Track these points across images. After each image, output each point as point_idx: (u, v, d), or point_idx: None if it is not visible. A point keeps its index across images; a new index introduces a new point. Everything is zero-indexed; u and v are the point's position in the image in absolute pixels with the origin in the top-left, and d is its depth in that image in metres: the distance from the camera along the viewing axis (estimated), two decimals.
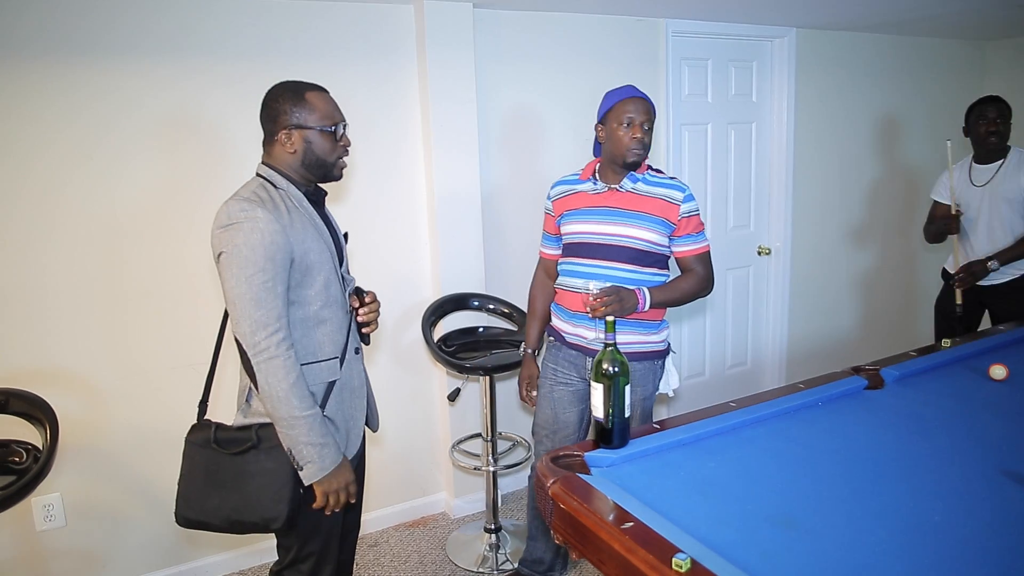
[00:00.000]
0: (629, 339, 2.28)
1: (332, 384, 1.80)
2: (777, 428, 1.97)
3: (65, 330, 2.50)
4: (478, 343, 2.93)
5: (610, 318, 1.82)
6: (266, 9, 2.65)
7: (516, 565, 2.70)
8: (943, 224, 3.37)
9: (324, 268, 1.76)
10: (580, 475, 1.70)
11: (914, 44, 4.36)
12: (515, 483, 3.46)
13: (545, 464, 1.76)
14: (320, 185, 1.87)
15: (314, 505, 1.76)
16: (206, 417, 1.89)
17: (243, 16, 2.62)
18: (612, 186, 2.27)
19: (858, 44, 4.15)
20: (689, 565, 1.26)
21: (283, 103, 1.75)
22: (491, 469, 2.86)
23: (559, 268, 2.40)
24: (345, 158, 1.85)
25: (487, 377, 2.81)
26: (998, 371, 2.23)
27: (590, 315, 2.18)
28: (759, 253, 4.15)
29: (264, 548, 2.89)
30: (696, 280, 2.30)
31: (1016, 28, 4.12)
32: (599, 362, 1.83)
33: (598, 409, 1.86)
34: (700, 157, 3.81)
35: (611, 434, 1.85)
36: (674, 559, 1.27)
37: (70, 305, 2.50)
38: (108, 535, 2.66)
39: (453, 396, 2.97)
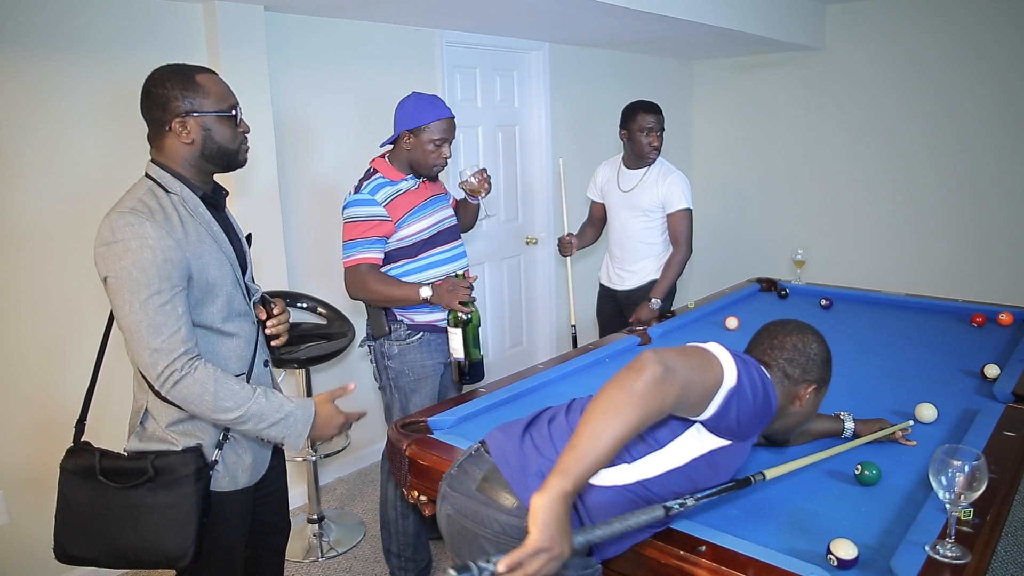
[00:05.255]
0: None
1: None
2: (578, 382, 2.37)
3: None
4: (290, 339, 2.97)
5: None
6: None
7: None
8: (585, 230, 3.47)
9: (225, 284, 1.63)
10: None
11: (639, 60, 5.13)
12: (336, 471, 3.56)
13: (396, 431, 1.96)
14: (219, 184, 1.73)
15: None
16: (84, 439, 1.69)
17: (21, 5, 2.44)
18: (421, 179, 2.48)
19: (599, 58, 4.80)
20: None
21: (171, 88, 1.57)
22: (312, 459, 2.94)
23: (411, 266, 2.43)
24: (247, 143, 1.72)
25: (303, 370, 2.89)
26: (731, 322, 2.85)
27: (480, 195, 2.57)
28: (527, 243, 4.62)
29: None
30: None
31: (714, 51, 5.04)
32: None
33: (457, 351, 2.12)
34: (473, 157, 4.17)
35: (474, 369, 2.19)
36: None
37: None
38: None
39: None
